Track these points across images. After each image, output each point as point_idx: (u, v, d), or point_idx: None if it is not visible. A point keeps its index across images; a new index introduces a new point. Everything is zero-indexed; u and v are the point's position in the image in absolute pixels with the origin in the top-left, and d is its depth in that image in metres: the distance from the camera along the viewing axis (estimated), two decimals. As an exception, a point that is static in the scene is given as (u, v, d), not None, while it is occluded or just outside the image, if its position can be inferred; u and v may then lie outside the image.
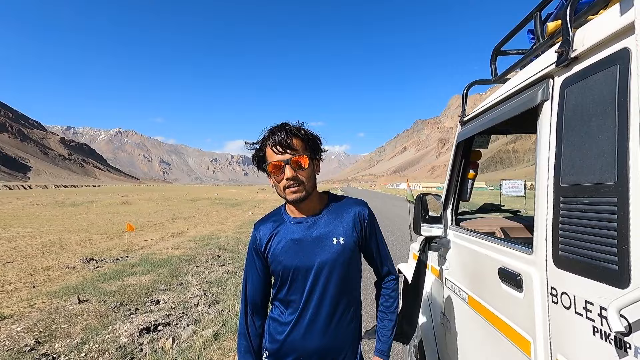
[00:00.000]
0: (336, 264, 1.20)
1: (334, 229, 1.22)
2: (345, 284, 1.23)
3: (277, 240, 1.23)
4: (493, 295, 1.35)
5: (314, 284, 1.19)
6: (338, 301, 1.21)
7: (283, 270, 1.21)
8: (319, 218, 1.24)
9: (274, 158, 1.15)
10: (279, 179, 1.16)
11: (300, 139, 1.17)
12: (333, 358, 1.24)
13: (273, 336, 1.25)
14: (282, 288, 1.24)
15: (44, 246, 9.88)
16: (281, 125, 1.17)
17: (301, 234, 1.21)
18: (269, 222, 1.28)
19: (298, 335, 1.20)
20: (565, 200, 0.93)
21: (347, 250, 1.22)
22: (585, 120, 0.88)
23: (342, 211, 1.27)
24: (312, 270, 1.19)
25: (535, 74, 1.12)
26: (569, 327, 0.92)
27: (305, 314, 1.20)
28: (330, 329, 1.21)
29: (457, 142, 1.83)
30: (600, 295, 0.80)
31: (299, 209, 1.24)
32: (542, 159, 1.05)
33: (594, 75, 0.86)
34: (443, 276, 1.93)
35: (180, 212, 21.82)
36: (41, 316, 4.63)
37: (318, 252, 1.19)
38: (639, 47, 0.69)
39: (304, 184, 1.17)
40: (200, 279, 6.53)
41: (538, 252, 1.05)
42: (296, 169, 1.14)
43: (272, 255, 1.23)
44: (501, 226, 1.98)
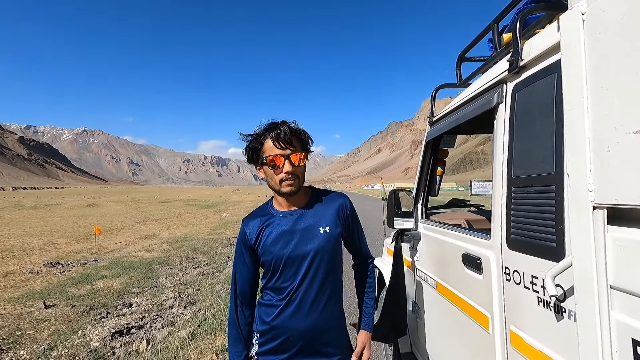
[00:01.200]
0: (324, 251, 1.30)
1: (320, 220, 1.33)
2: (331, 269, 1.34)
3: (267, 232, 1.31)
4: (458, 280, 1.48)
5: (305, 271, 1.29)
6: (325, 285, 1.32)
7: (275, 260, 1.29)
8: (306, 210, 1.34)
9: (274, 152, 1.23)
10: (277, 172, 1.25)
11: (299, 137, 1.28)
12: (321, 337, 1.33)
13: (263, 319, 1.33)
14: (273, 277, 1.32)
15: (3, 251, 9.32)
16: (283, 122, 1.27)
17: (290, 226, 1.31)
18: (257, 218, 1.36)
19: (287, 317, 1.29)
20: (515, 190, 1.07)
21: (333, 238, 1.32)
22: (531, 120, 1.02)
23: (327, 203, 1.39)
24: (304, 258, 1.29)
25: (492, 79, 1.26)
26: (519, 300, 1.05)
27: (294, 297, 1.29)
28: (318, 310, 1.30)
29: (426, 141, 1.97)
30: (543, 269, 0.93)
31: (288, 201, 1.33)
32: (497, 155, 1.18)
33: (537, 81, 0.99)
34: (414, 266, 2.06)
35: (152, 214, 21.15)
36: (3, 322, 4.41)
37: (307, 241, 1.29)
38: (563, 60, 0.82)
39: (299, 179, 1.28)
40: (175, 280, 6.42)
41: (494, 237, 1.19)
42: (294, 164, 1.24)
43: (262, 247, 1.31)
44: (466, 219, 2.14)
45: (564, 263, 0.79)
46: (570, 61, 0.77)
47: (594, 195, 0.70)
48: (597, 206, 0.70)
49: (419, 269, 1.97)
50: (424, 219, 2.02)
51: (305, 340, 1.30)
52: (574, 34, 0.75)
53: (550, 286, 0.80)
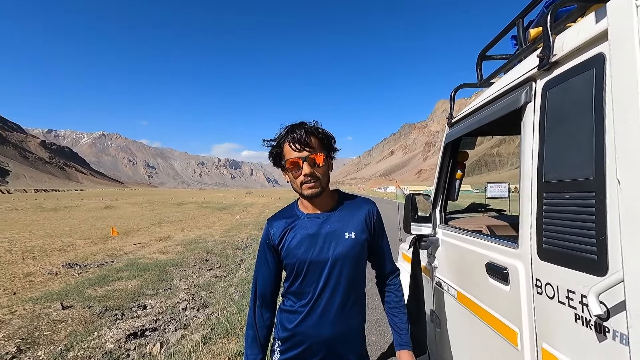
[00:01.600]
0: (348, 258, 1.26)
1: (346, 225, 1.29)
2: (355, 277, 1.29)
3: (292, 235, 1.28)
4: (481, 290, 1.40)
5: (327, 276, 1.25)
6: (348, 293, 1.27)
7: (298, 263, 1.26)
8: (332, 214, 1.30)
9: (292, 155, 1.21)
10: (296, 175, 1.22)
11: (317, 137, 1.24)
12: (344, 345, 1.29)
13: (285, 325, 1.30)
14: (296, 281, 1.28)
15: (24, 252, 9.58)
16: (299, 124, 1.24)
17: (315, 229, 1.27)
18: (283, 219, 1.33)
19: (310, 324, 1.25)
20: (547, 196, 0.99)
21: (358, 244, 1.28)
22: (565, 120, 0.94)
23: (354, 208, 1.34)
24: (326, 263, 1.25)
25: (519, 77, 1.18)
26: (553, 316, 0.97)
27: (318, 304, 1.25)
28: (341, 318, 1.26)
29: (445, 144, 1.88)
30: (581, 283, 0.85)
31: (313, 204, 1.30)
32: (526, 158, 1.10)
33: (572, 78, 0.91)
34: (432, 274, 1.98)
35: (167, 216, 21.48)
36: (23, 323, 4.49)
37: (332, 246, 1.25)
38: (611, 53, 0.74)
39: (320, 180, 1.23)
40: (188, 283, 6.46)
41: (523, 246, 1.10)
42: (313, 165, 1.21)
43: (286, 250, 1.28)
44: (487, 224, 2.05)
45: (613, 279, 0.71)
46: (620, 53, 0.69)
47: None
48: None
49: (437, 276, 1.89)
50: (443, 224, 1.94)
51: (328, 348, 1.27)
52: (626, 22, 0.67)
53: (594, 305, 0.72)
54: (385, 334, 3.82)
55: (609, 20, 0.73)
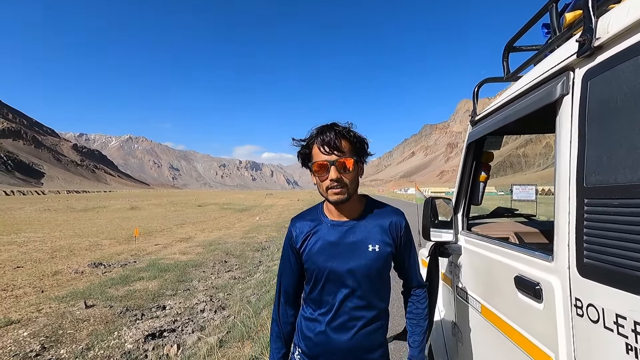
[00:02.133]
0: (370, 271, 1.20)
1: (371, 236, 1.22)
2: (376, 292, 1.23)
3: (314, 240, 1.23)
4: (509, 306, 1.26)
5: (346, 288, 1.20)
6: (370, 305, 1.22)
7: (317, 271, 1.21)
8: (357, 223, 1.24)
9: (320, 157, 1.15)
10: (322, 179, 1.16)
11: (348, 140, 1.17)
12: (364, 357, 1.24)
13: (305, 333, 1.27)
14: (315, 287, 1.24)
15: (54, 251, 9.98)
16: (331, 125, 1.17)
17: (338, 237, 1.21)
18: (307, 221, 1.28)
19: (329, 335, 1.21)
20: (590, 203, 0.85)
21: (382, 258, 1.21)
22: (611, 114, 0.80)
23: (380, 218, 1.26)
24: (347, 275, 1.19)
25: (553, 67, 1.04)
26: (596, 343, 0.83)
27: (337, 315, 1.21)
28: (361, 331, 1.21)
29: (467, 143, 1.74)
30: (634, 308, 0.71)
31: (338, 210, 1.24)
32: (562, 158, 0.97)
33: (621, 64, 0.78)
34: (454, 284, 1.84)
35: (189, 217, 21.93)
36: (48, 321, 4.63)
37: (353, 257, 1.19)
38: None
39: (347, 186, 1.17)
40: (207, 284, 6.50)
41: (559, 260, 0.97)
42: (341, 170, 1.14)
43: (307, 255, 1.23)
44: (515, 231, 1.88)
45: None
46: None
47: None
48: None
49: (459, 287, 1.75)
50: (465, 231, 1.79)
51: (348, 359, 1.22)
52: None
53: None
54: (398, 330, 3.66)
55: None
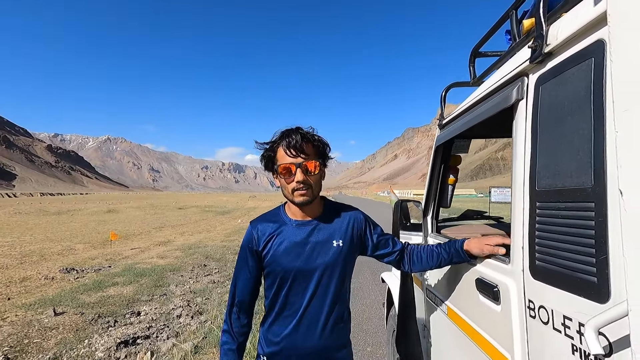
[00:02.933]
0: (336, 266, 1.23)
1: (335, 233, 1.26)
2: (342, 287, 1.26)
3: (279, 241, 1.23)
4: (471, 307, 1.28)
5: (315, 286, 1.21)
6: (336, 301, 1.24)
7: (284, 272, 1.21)
8: (320, 222, 1.27)
9: (286, 160, 1.18)
10: (288, 181, 1.19)
11: (313, 144, 1.21)
12: (332, 356, 1.26)
13: (270, 340, 1.25)
14: (281, 290, 1.23)
15: (23, 256, 9.55)
16: (296, 129, 1.20)
17: (304, 237, 1.23)
18: (269, 223, 1.28)
19: (297, 338, 1.21)
20: (541, 206, 0.87)
21: (345, 252, 1.25)
22: (560, 119, 0.82)
23: (340, 215, 1.31)
24: (314, 273, 1.21)
25: (510, 72, 1.07)
26: (547, 344, 0.85)
27: (305, 315, 1.21)
28: (328, 330, 1.23)
29: (435, 146, 1.76)
30: (579, 310, 0.73)
31: (302, 211, 1.26)
32: (517, 161, 0.99)
33: (568, 70, 0.80)
34: (424, 286, 1.85)
35: (168, 220, 21.45)
36: (13, 330, 4.41)
37: (320, 255, 1.22)
38: (611, 39, 0.63)
39: (312, 188, 1.20)
40: (185, 289, 6.35)
41: (515, 262, 0.98)
42: (307, 173, 1.18)
43: (271, 257, 1.23)
44: (483, 234, 1.91)
45: (616, 312, 0.58)
46: (623, 35, 0.58)
47: None
48: None
49: (429, 289, 1.76)
50: (435, 233, 1.82)
51: None
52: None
53: (592, 341, 0.59)
54: (381, 344, 3.68)
55: (608, 1, 0.61)
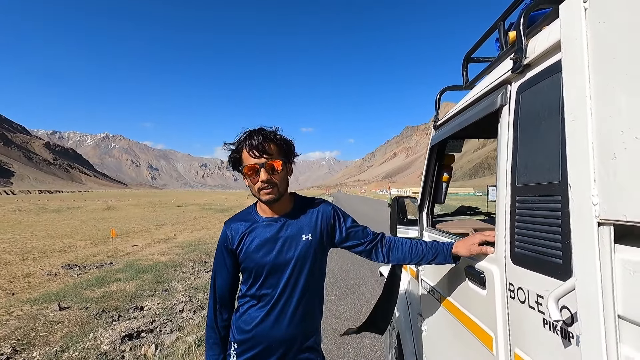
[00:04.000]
0: (306, 259, 1.30)
1: (303, 227, 1.33)
2: (313, 278, 1.33)
3: (251, 239, 1.30)
4: (462, 294, 1.39)
5: (287, 279, 1.28)
6: (306, 294, 1.32)
7: (257, 267, 1.29)
8: (289, 217, 1.34)
9: (250, 161, 1.23)
10: (254, 181, 1.25)
11: (275, 143, 1.26)
12: (301, 344, 1.34)
13: (242, 328, 1.32)
14: (254, 284, 1.31)
15: (25, 253, 9.64)
16: (258, 130, 1.25)
17: (274, 233, 1.30)
18: (241, 222, 1.35)
19: (268, 325, 1.29)
20: (520, 200, 0.98)
21: (314, 245, 1.32)
22: (536, 123, 0.94)
23: (310, 210, 1.38)
24: (286, 266, 1.28)
25: (496, 80, 1.18)
26: (524, 321, 0.96)
27: (276, 306, 1.29)
28: (299, 319, 1.31)
29: (430, 146, 1.88)
30: (548, 288, 0.84)
31: (271, 208, 1.33)
32: (501, 160, 1.10)
33: (543, 81, 0.91)
34: (419, 277, 1.97)
35: (168, 218, 21.54)
36: (20, 324, 4.51)
37: (291, 249, 1.29)
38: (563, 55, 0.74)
39: (277, 186, 1.26)
40: (186, 284, 6.46)
41: (498, 250, 1.10)
42: (270, 172, 1.24)
43: (245, 254, 1.30)
44: (475, 228, 2.04)
45: (567, 285, 0.70)
46: (570, 57, 0.69)
47: (598, 210, 0.62)
48: (602, 222, 0.62)
49: (423, 279, 1.88)
50: (430, 228, 1.93)
51: (286, 348, 1.31)
52: (575, 25, 0.67)
53: (553, 309, 0.71)
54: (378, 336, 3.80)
55: (560, 22, 0.73)
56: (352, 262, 7.51)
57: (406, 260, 1.42)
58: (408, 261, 1.42)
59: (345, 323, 4.20)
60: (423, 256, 1.39)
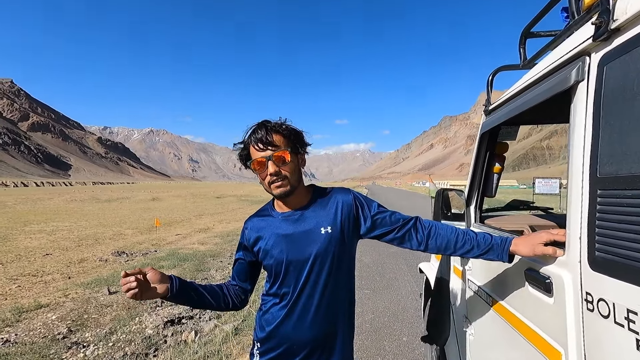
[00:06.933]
0: (327, 254, 1.21)
1: (321, 220, 1.24)
2: (336, 276, 1.24)
3: (267, 236, 1.25)
4: (519, 299, 1.23)
5: (306, 276, 1.21)
6: (329, 292, 1.23)
7: (275, 264, 1.23)
8: (306, 211, 1.26)
9: (256, 155, 1.18)
10: (263, 175, 1.20)
11: (282, 134, 1.20)
12: (326, 345, 1.25)
13: (264, 326, 1.28)
14: (275, 282, 1.26)
15: (80, 239, 10.43)
16: (261, 123, 1.20)
17: (290, 229, 1.23)
18: (258, 219, 1.31)
19: (289, 326, 1.22)
20: (603, 194, 0.82)
21: (335, 238, 1.22)
22: (628, 100, 0.76)
23: (328, 201, 1.28)
24: (305, 263, 1.21)
25: (569, 52, 1.00)
26: (607, 339, 0.80)
27: (296, 305, 1.22)
28: (321, 320, 1.22)
29: (481, 133, 1.69)
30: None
31: (286, 203, 1.26)
32: (576, 147, 0.93)
33: (636, 49, 0.74)
34: (466, 277, 1.81)
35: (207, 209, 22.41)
36: (74, 306, 4.86)
37: (309, 244, 1.21)
38: None
39: (288, 178, 1.19)
40: (224, 274, 6.65)
41: (571, 253, 0.94)
42: (279, 164, 1.17)
43: (263, 251, 1.25)
44: (530, 224, 1.83)
45: None
46: None
47: None
48: None
49: (471, 280, 1.72)
50: (478, 223, 1.76)
51: (309, 349, 1.23)
52: None
53: None
54: (417, 334, 3.65)
55: None
56: (387, 256, 7.33)
57: (448, 249, 1.24)
58: (450, 251, 1.24)
59: (380, 318, 4.10)
60: (471, 248, 1.21)
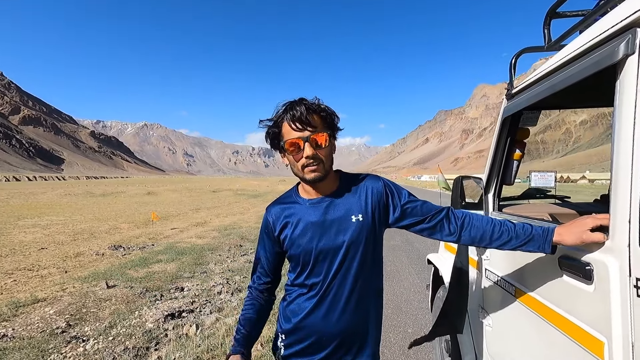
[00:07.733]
0: (358, 243, 1.15)
1: (352, 207, 1.17)
2: (367, 265, 1.18)
3: (294, 224, 1.17)
4: (551, 288, 1.18)
5: (338, 266, 1.15)
6: (361, 280, 1.17)
7: (304, 254, 1.16)
8: (335, 197, 1.18)
9: (292, 135, 1.09)
10: (297, 158, 1.11)
11: (320, 115, 1.11)
12: (355, 337, 1.20)
13: (290, 318, 1.21)
14: (302, 272, 1.19)
15: (75, 234, 10.29)
16: (300, 100, 1.10)
17: (320, 216, 1.16)
18: (282, 206, 1.23)
19: (318, 317, 1.16)
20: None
21: (366, 227, 1.16)
22: None
23: (358, 188, 1.21)
24: (336, 251, 1.14)
25: (614, 26, 0.93)
26: None
27: (326, 296, 1.16)
28: (351, 311, 1.17)
29: (502, 118, 1.63)
30: None
31: (315, 188, 1.18)
32: (624, 126, 0.87)
33: None
34: (482, 267, 1.77)
35: (204, 203, 22.28)
36: (72, 300, 4.77)
37: (340, 232, 1.15)
38: None
39: (323, 163, 1.11)
40: (223, 267, 6.59)
41: (618, 238, 0.88)
42: (315, 146, 1.09)
43: (289, 240, 1.18)
44: (550, 212, 1.78)
45: None
46: None
47: None
48: None
49: (489, 269, 1.68)
50: (497, 212, 1.71)
51: (338, 341, 1.17)
52: None
53: None
54: (422, 326, 3.63)
55: None
56: (387, 249, 7.33)
57: (483, 241, 1.17)
58: (485, 243, 1.17)
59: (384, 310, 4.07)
60: (509, 240, 1.13)
